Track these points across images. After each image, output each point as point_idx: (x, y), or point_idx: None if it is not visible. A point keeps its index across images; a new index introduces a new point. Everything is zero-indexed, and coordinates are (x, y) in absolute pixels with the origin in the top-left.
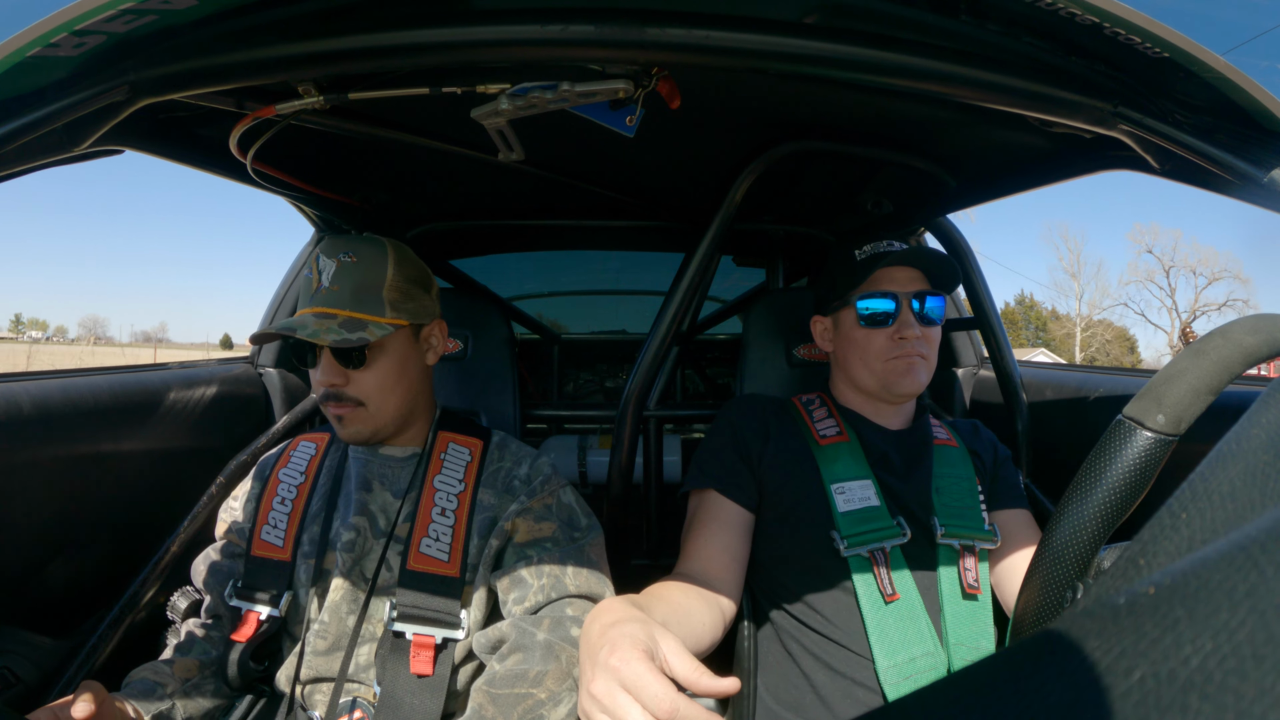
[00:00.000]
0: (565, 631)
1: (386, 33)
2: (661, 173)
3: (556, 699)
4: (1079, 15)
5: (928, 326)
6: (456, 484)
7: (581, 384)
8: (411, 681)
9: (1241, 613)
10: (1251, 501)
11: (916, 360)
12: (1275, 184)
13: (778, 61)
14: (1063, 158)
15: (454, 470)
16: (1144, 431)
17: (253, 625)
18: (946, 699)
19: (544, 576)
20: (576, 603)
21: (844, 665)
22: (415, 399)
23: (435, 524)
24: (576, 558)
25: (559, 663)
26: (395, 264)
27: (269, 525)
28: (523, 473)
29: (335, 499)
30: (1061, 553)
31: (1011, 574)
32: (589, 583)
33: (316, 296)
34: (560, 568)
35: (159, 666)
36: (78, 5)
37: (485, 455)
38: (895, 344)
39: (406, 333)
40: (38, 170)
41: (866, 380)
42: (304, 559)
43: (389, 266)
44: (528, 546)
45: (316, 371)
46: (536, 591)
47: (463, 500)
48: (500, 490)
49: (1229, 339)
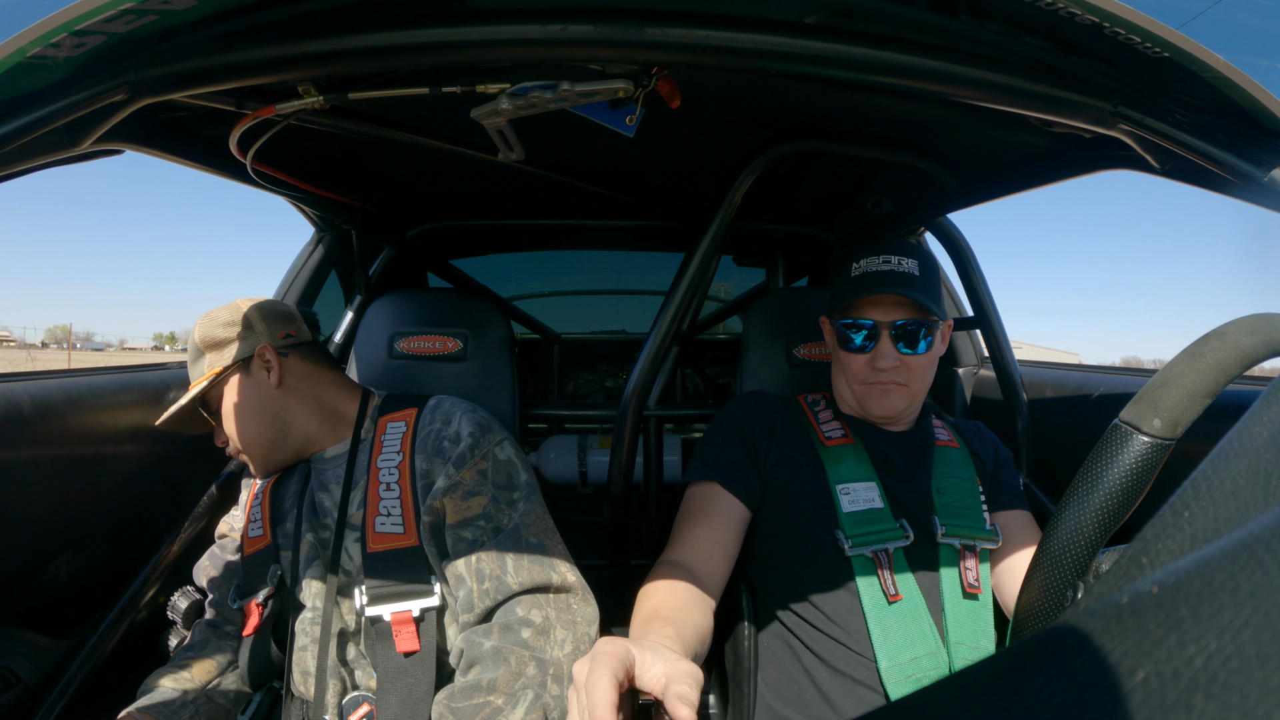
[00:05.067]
0: (515, 635)
1: (386, 32)
2: (661, 172)
3: (513, 700)
4: (1079, 15)
5: (910, 354)
6: (395, 455)
7: (581, 384)
8: (401, 661)
9: (1246, 611)
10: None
11: (891, 388)
12: (1275, 184)
13: (778, 61)
14: (1063, 158)
15: (392, 444)
16: (1140, 436)
17: (255, 615)
18: (949, 699)
19: (486, 579)
20: (524, 599)
21: (846, 665)
22: (282, 419)
23: (384, 500)
24: (515, 545)
25: (509, 666)
26: (200, 324)
27: (252, 522)
28: (451, 431)
29: (304, 496)
30: (1059, 558)
31: (1011, 575)
32: (532, 573)
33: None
34: (500, 563)
35: (179, 674)
36: (78, 5)
37: (418, 420)
38: (872, 371)
39: (229, 378)
40: (38, 170)
41: (848, 396)
42: (282, 550)
43: (194, 332)
44: (460, 528)
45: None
46: (481, 596)
47: (402, 470)
48: (431, 454)
49: (1225, 341)
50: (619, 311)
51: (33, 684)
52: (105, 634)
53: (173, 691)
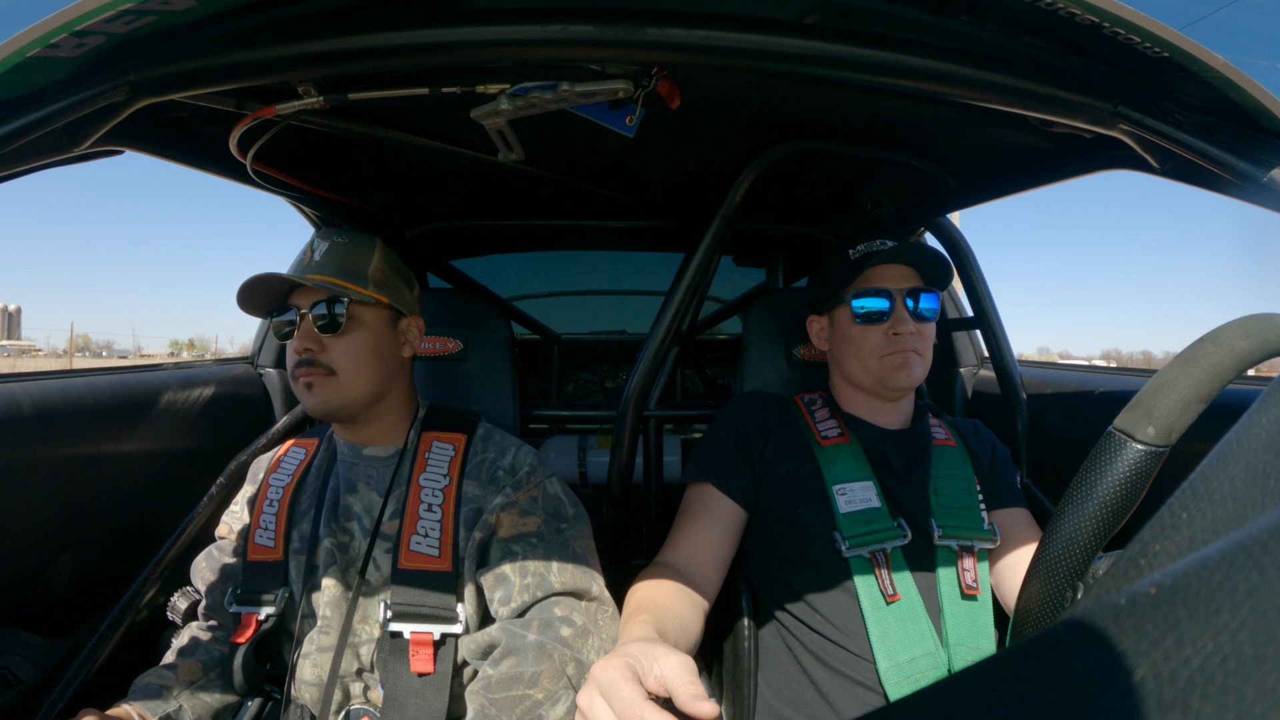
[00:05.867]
0: (555, 632)
1: (386, 33)
2: (661, 173)
3: (554, 698)
4: (1079, 15)
5: (922, 323)
6: (441, 479)
7: (581, 384)
8: (414, 681)
9: (1243, 613)
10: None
11: (911, 355)
12: (1275, 184)
13: (778, 62)
14: (1062, 157)
15: (438, 466)
16: (1134, 444)
17: (252, 627)
18: (948, 699)
19: (529, 575)
20: (563, 600)
21: (845, 665)
22: (388, 385)
23: (423, 520)
24: (562, 553)
25: (552, 662)
26: (382, 251)
27: (261, 529)
28: (507, 463)
29: (323, 497)
30: (1056, 564)
31: (1011, 572)
32: (574, 578)
33: (306, 267)
34: (545, 564)
35: (162, 671)
36: (78, 6)
37: (469, 447)
38: (890, 340)
39: (385, 315)
40: (38, 171)
41: (862, 376)
42: (294, 555)
43: (376, 251)
44: (512, 542)
45: (293, 342)
46: (521, 590)
47: (448, 494)
48: (485, 481)
49: (1220, 344)
50: (619, 312)
51: (33, 684)
52: (105, 634)
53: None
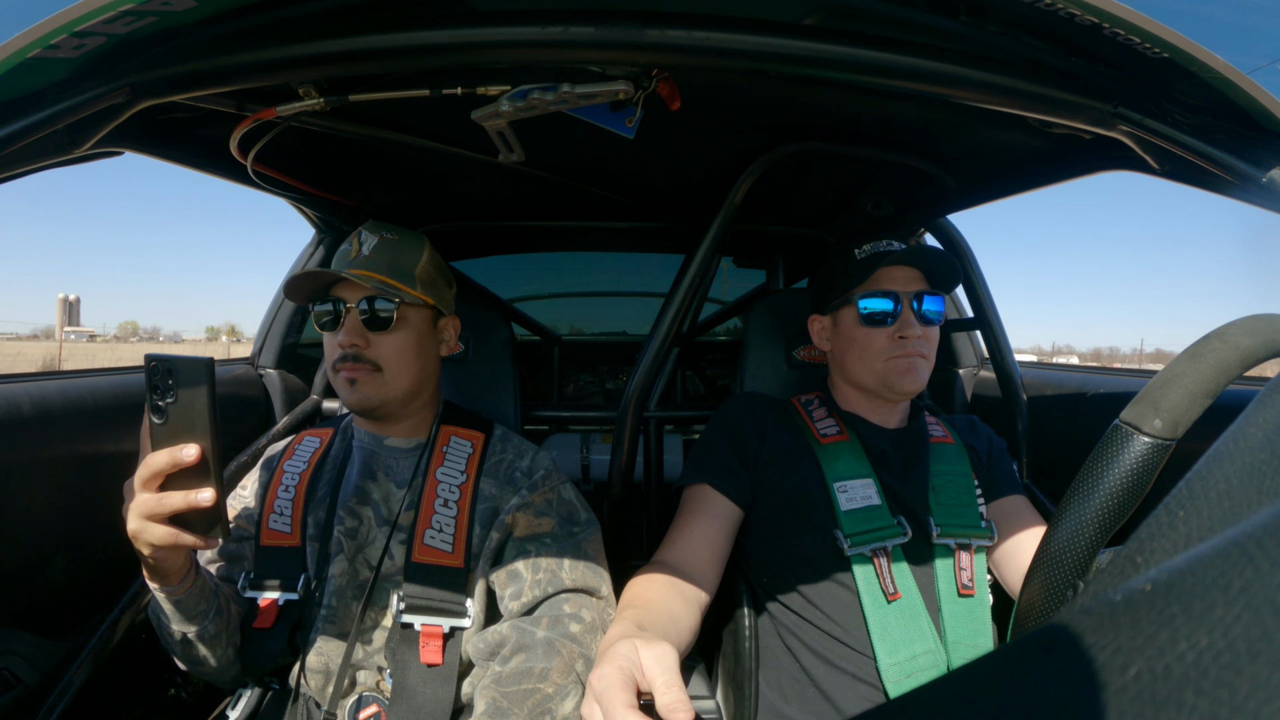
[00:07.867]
0: (564, 628)
1: (387, 34)
2: (661, 174)
3: (564, 692)
4: (1079, 15)
5: (927, 326)
6: (458, 475)
7: (582, 385)
8: (423, 671)
9: (1237, 608)
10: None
11: (917, 359)
12: (1275, 184)
13: (778, 63)
14: (1062, 158)
15: (456, 462)
16: (1141, 437)
17: (272, 612)
18: (947, 695)
19: (541, 571)
20: (573, 598)
21: (846, 662)
22: (425, 382)
23: (438, 515)
24: (573, 552)
25: (561, 658)
26: (429, 252)
27: (275, 514)
28: (524, 465)
29: (339, 484)
30: (1060, 558)
31: (1013, 559)
32: (584, 577)
33: (355, 261)
34: (557, 561)
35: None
36: (78, 6)
37: (487, 447)
38: (896, 343)
39: (428, 314)
40: (38, 171)
41: (866, 379)
42: (310, 541)
43: (424, 252)
44: (527, 541)
45: (338, 334)
46: (532, 586)
47: (464, 491)
48: (502, 481)
49: (1226, 341)
50: (619, 313)
51: (33, 684)
52: (105, 634)
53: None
